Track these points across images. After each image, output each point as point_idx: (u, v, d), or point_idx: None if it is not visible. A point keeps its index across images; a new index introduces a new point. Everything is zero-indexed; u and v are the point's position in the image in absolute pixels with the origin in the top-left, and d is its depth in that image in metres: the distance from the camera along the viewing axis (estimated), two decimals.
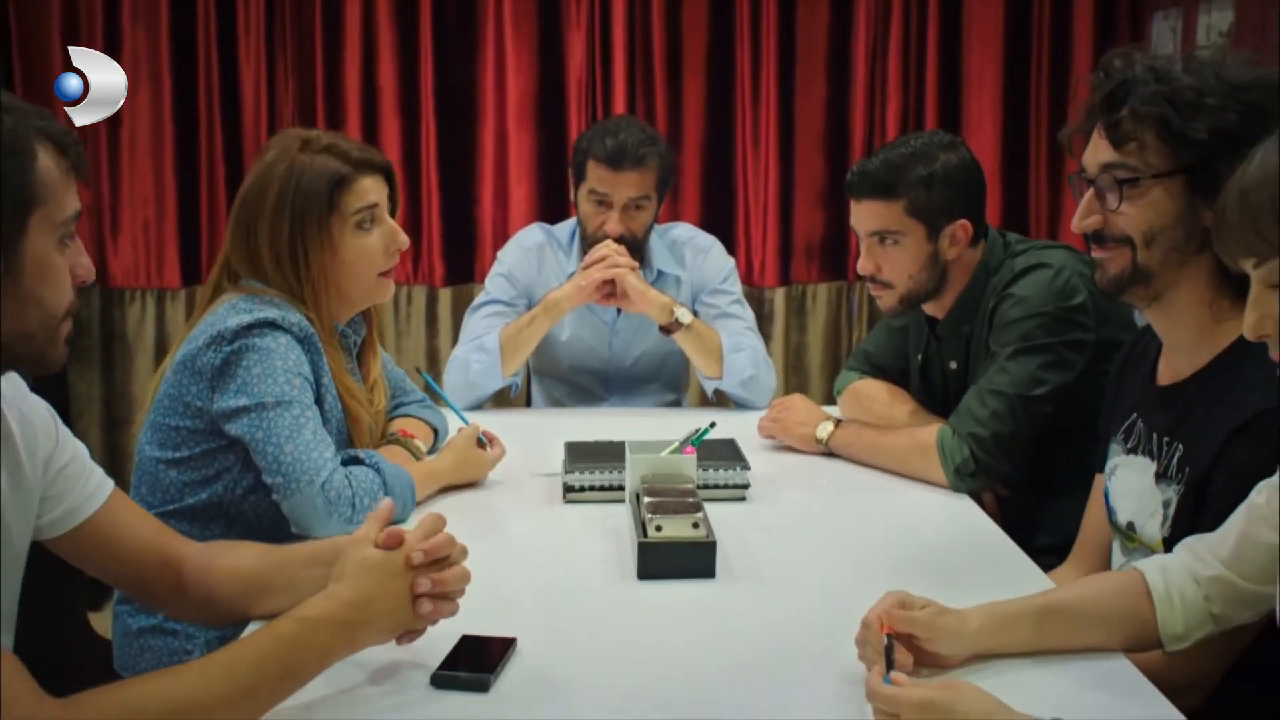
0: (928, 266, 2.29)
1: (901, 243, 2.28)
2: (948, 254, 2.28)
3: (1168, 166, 1.63)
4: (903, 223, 2.27)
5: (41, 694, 1.18)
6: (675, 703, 1.38)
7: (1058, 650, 1.46)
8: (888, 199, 2.27)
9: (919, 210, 2.25)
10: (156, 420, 1.98)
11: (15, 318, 1.30)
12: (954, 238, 2.27)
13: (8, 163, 1.27)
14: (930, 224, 2.26)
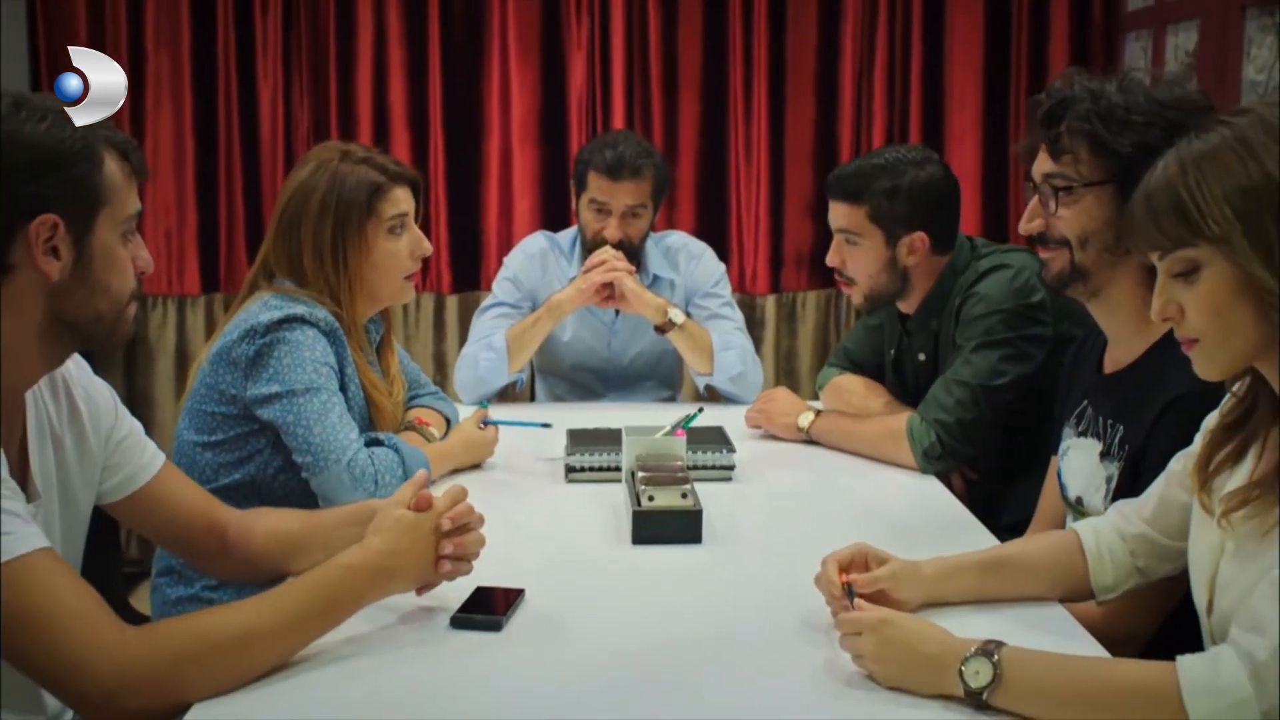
0: (886, 269, 2.48)
1: (862, 244, 2.48)
2: (905, 260, 2.47)
3: (1098, 176, 1.83)
4: (864, 227, 2.47)
5: (121, 623, 1.37)
6: (663, 646, 1.56)
7: (1001, 598, 1.64)
8: (854, 203, 2.47)
9: (879, 218, 2.45)
10: (194, 407, 2.17)
11: (86, 303, 1.50)
12: (911, 247, 2.46)
13: (79, 167, 1.47)
14: (889, 232, 2.46)
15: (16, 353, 1.48)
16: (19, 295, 1.45)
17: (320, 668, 1.45)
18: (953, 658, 1.36)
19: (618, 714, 1.38)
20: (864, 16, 4.14)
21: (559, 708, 1.39)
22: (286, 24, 4.13)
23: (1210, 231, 1.34)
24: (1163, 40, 3.97)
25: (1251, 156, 1.33)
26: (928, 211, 2.46)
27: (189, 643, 1.39)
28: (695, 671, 1.49)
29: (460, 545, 1.59)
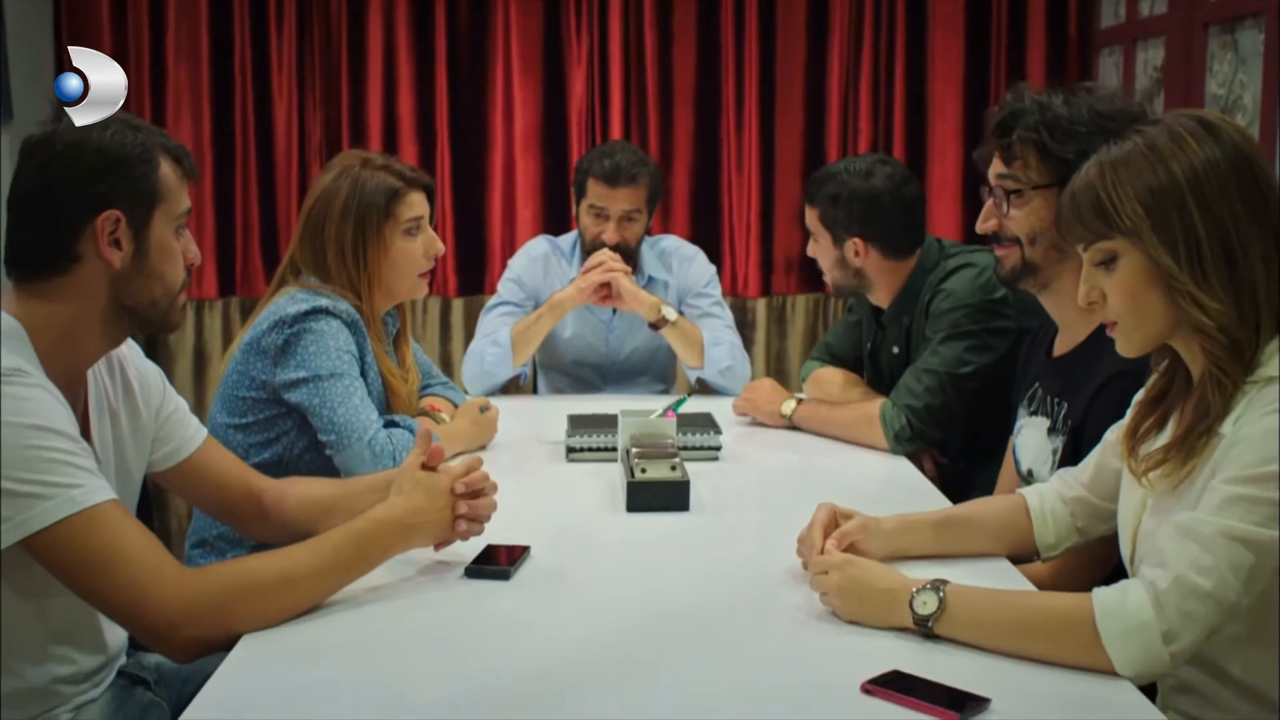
0: (839, 266, 2.71)
1: (819, 242, 2.72)
2: (854, 261, 2.68)
3: (1045, 180, 2.03)
4: (817, 228, 2.71)
5: (180, 565, 1.57)
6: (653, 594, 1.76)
7: (954, 553, 1.83)
8: (810, 205, 2.71)
9: (825, 221, 2.69)
10: (226, 392, 2.37)
11: (144, 289, 1.70)
12: (855, 250, 2.67)
13: (139, 169, 1.68)
14: (834, 234, 2.69)
15: (82, 333, 1.68)
16: (85, 282, 1.66)
17: (351, 609, 1.65)
18: (904, 593, 1.56)
19: (612, 650, 1.57)
20: (850, 33, 4.29)
21: (560, 645, 1.58)
22: (300, 40, 4.29)
23: (1124, 226, 1.54)
24: (1133, 56, 4.14)
25: (1159, 161, 1.54)
26: (864, 220, 2.66)
27: (238, 582, 1.59)
28: (681, 614, 1.69)
29: (475, 507, 1.79)
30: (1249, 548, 1.43)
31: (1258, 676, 1.54)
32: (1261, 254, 1.52)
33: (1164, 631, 1.42)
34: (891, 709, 1.36)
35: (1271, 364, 1.51)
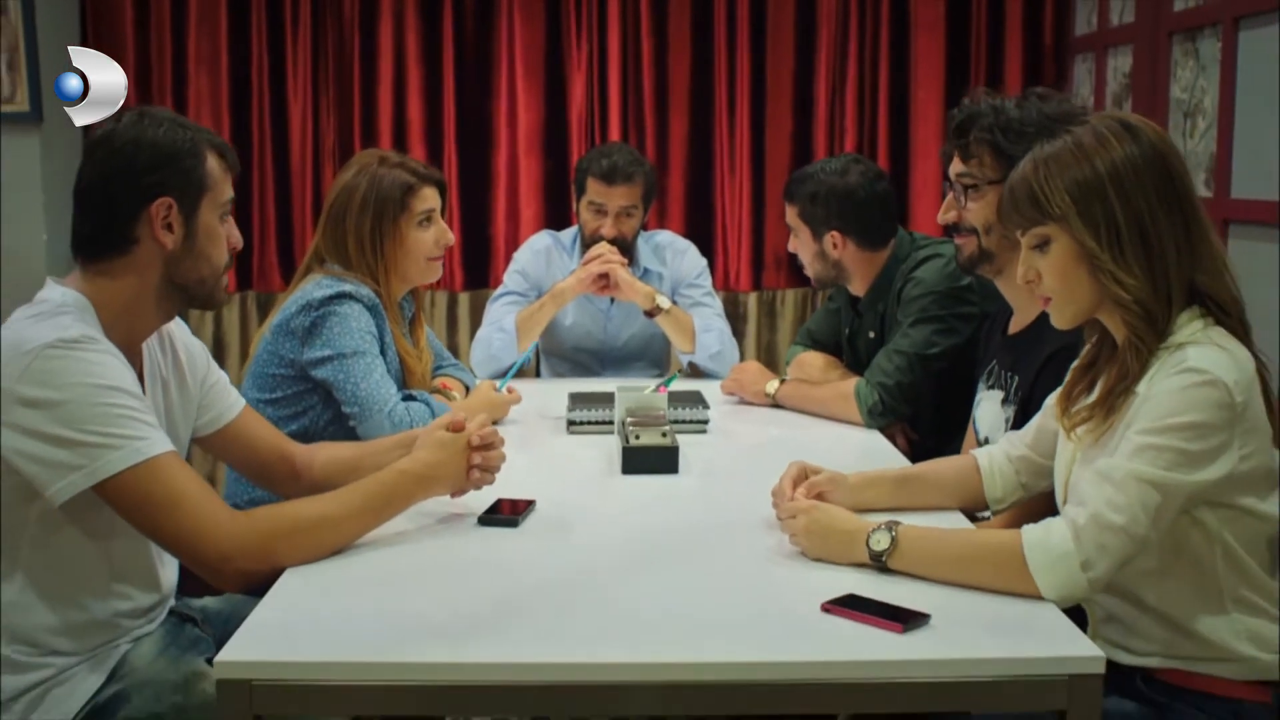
0: (819, 258, 2.93)
1: (800, 237, 2.94)
2: (832, 254, 2.91)
3: (998, 176, 2.25)
4: (796, 223, 2.94)
5: (231, 509, 1.80)
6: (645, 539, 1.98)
7: (912, 507, 2.04)
8: (790, 202, 2.94)
9: (805, 217, 2.91)
10: (257, 370, 2.60)
11: (193, 269, 1.92)
12: (833, 242, 2.89)
13: (188, 161, 1.90)
14: (813, 229, 2.91)
15: (139, 307, 1.91)
16: (142, 261, 1.88)
17: (379, 549, 1.88)
18: (862, 532, 1.79)
19: (605, 583, 1.79)
20: (836, 40, 4.47)
21: (561, 582, 1.80)
22: (315, 47, 4.48)
23: (1054, 213, 1.76)
24: (1104, 62, 4.33)
25: (1085, 157, 1.76)
26: (841, 214, 2.88)
27: (280, 523, 1.82)
28: (667, 554, 1.92)
29: (486, 459, 2.02)
30: (1156, 489, 1.65)
31: (1170, 605, 1.76)
32: (1173, 238, 1.74)
33: (1082, 561, 1.65)
34: (847, 625, 1.59)
35: (1181, 332, 1.74)
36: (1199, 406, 1.66)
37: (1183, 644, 1.77)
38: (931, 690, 1.49)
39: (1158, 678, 1.79)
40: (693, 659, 1.51)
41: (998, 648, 1.54)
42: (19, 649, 1.82)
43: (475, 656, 1.51)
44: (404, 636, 1.58)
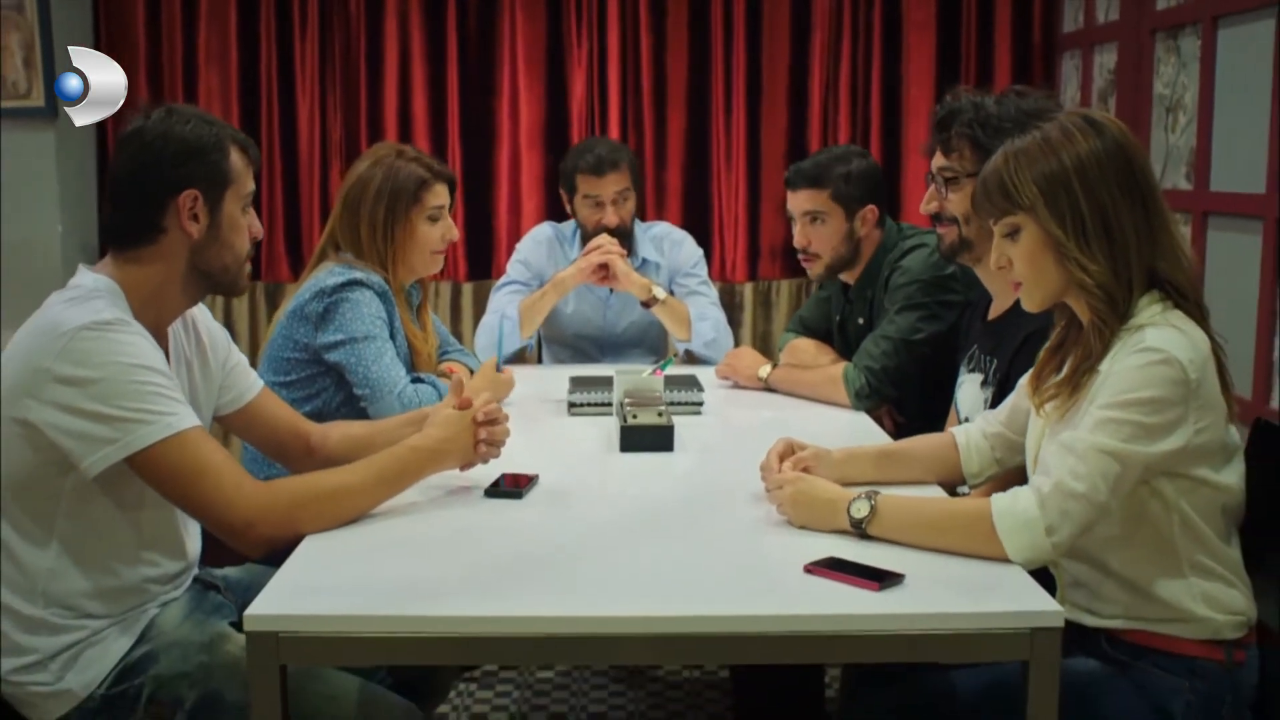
0: (846, 240, 3.03)
1: (828, 222, 3.03)
2: (860, 231, 3.02)
3: (977, 169, 2.35)
4: (828, 206, 3.02)
5: (255, 479, 1.92)
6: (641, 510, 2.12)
7: (893, 481, 2.16)
8: (818, 188, 3.02)
9: (840, 197, 3.01)
10: (272, 354, 2.72)
11: (217, 257, 2.05)
12: (864, 219, 3.01)
13: (213, 156, 2.02)
14: (848, 208, 3.01)
15: (166, 293, 2.03)
16: (169, 249, 2.00)
17: (392, 519, 2.01)
18: (843, 501, 1.91)
19: (606, 552, 1.92)
20: (830, 38, 4.57)
21: (563, 547, 1.93)
22: (322, 45, 4.57)
23: (1024, 204, 1.88)
24: (1091, 59, 4.44)
25: (1052, 151, 1.88)
26: (873, 189, 3.03)
27: (301, 492, 1.94)
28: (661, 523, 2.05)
29: (492, 433, 2.15)
30: (1115, 459, 1.78)
31: (1131, 570, 1.89)
32: (1134, 227, 1.86)
33: (1046, 526, 1.77)
34: (827, 584, 1.71)
35: (1142, 314, 1.86)
36: (1156, 383, 1.78)
37: (1143, 606, 1.89)
38: (904, 643, 1.62)
39: (1120, 638, 1.92)
40: (684, 613, 1.63)
41: (966, 604, 1.66)
42: (55, 612, 1.94)
43: (484, 611, 1.64)
44: (417, 594, 1.70)
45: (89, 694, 1.94)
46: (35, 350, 1.88)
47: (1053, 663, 1.60)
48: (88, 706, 1.94)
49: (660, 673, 3.58)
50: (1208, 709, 1.85)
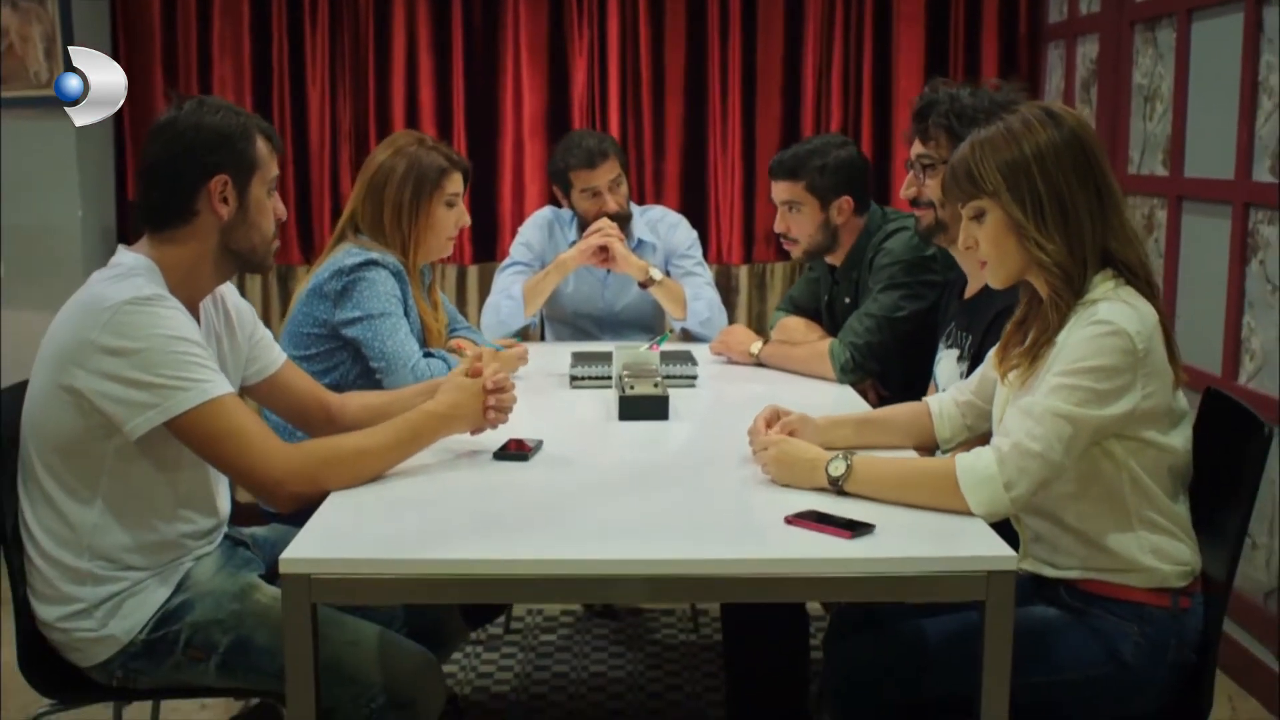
0: (822, 228, 3.20)
1: (803, 211, 3.20)
2: (836, 220, 3.19)
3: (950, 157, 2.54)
4: (803, 196, 3.19)
5: (284, 442, 2.10)
6: (635, 472, 2.30)
7: (870, 446, 2.33)
8: (794, 179, 3.19)
9: (814, 188, 3.17)
10: (292, 330, 2.88)
11: (245, 237, 2.21)
12: (840, 209, 3.18)
13: (241, 143, 2.18)
14: (822, 199, 3.18)
15: (199, 271, 2.20)
16: (201, 230, 2.17)
17: (408, 478, 2.18)
18: (822, 460, 2.09)
19: (605, 505, 2.10)
20: (822, 30, 4.71)
21: (566, 501, 2.11)
22: (332, 37, 4.71)
23: (988, 189, 2.05)
24: (1074, 50, 4.58)
25: (1014, 140, 2.05)
26: (848, 181, 3.17)
27: (326, 453, 2.12)
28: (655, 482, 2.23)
29: (500, 400, 2.32)
30: (1069, 421, 1.95)
31: (1086, 525, 2.06)
32: (1088, 210, 2.03)
33: (1005, 481, 1.94)
34: (805, 533, 1.89)
35: (1096, 290, 2.03)
36: (1106, 352, 1.95)
37: (1097, 558, 2.07)
38: (872, 584, 1.80)
39: (1076, 587, 2.09)
40: (676, 557, 1.81)
41: (929, 550, 1.84)
42: (99, 564, 2.12)
43: (495, 555, 1.82)
44: (434, 541, 1.89)
45: (131, 639, 2.12)
46: (81, 323, 2.05)
47: (1007, 604, 1.78)
48: (130, 650, 2.12)
49: (658, 636, 3.76)
50: (1154, 650, 2.03)
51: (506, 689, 3.40)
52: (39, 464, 2.11)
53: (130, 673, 2.14)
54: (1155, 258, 4.00)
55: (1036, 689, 2.01)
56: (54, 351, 2.08)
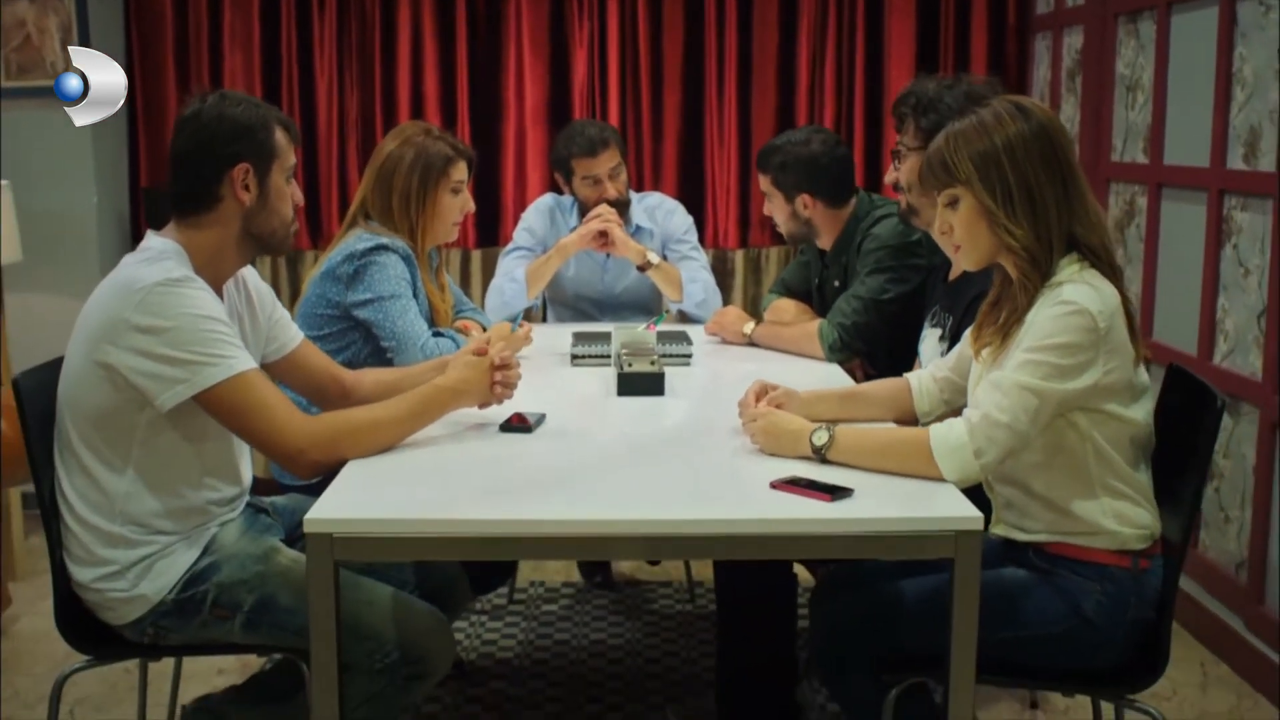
0: (792, 219, 3.36)
1: (774, 201, 3.37)
2: (803, 213, 3.33)
3: (918, 145, 2.69)
4: (770, 189, 3.36)
5: (303, 413, 2.25)
6: (631, 443, 2.45)
7: (853, 419, 2.48)
8: (762, 172, 3.36)
9: (777, 184, 3.33)
10: (306, 311, 3.03)
11: (266, 222, 2.35)
12: (804, 203, 3.32)
13: (261, 134, 2.32)
14: (785, 194, 3.33)
15: (223, 254, 2.34)
16: (225, 215, 2.31)
17: (420, 449, 2.33)
18: (806, 431, 2.23)
19: (605, 472, 2.25)
20: (816, 21, 4.86)
21: (568, 468, 2.26)
22: (340, 27, 4.86)
23: (961, 177, 2.19)
24: (1060, 40, 4.71)
25: (985, 132, 2.19)
26: (810, 178, 3.30)
27: (343, 424, 2.27)
28: (651, 452, 2.38)
29: (506, 377, 2.47)
30: (1035, 394, 2.10)
31: (1053, 492, 2.21)
32: (1054, 198, 2.17)
33: (974, 450, 2.10)
34: (789, 497, 2.04)
35: (1062, 273, 2.17)
36: (1070, 330, 2.10)
37: (1063, 523, 2.22)
38: (850, 542, 1.96)
39: (1044, 550, 2.24)
40: (671, 518, 1.96)
41: (903, 512, 2.00)
42: (131, 529, 2.27)
43: (502, 516, 1.97)
44: (445, 503, 2.04)
45: (160, 599, 2.27)
46: (116, 303, 2.20)
47: (974, 562, 1.93)
48: (160, 609, 2.27)
49: (655, 606, 3.92)
50: (1115, 607, 2.18)
51: (510, 655, 3.56)
52: (75, 435, 2.26)
53: (160, 630, 2.29)
54: (1136, 242, 4.15)
55: (1006, 644, 2.16)
56: (89, 330, 2.22)
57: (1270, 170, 3.32)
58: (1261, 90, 3.38)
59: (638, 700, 3.27)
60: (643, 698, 3.29)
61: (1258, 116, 3.40)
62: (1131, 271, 4.16)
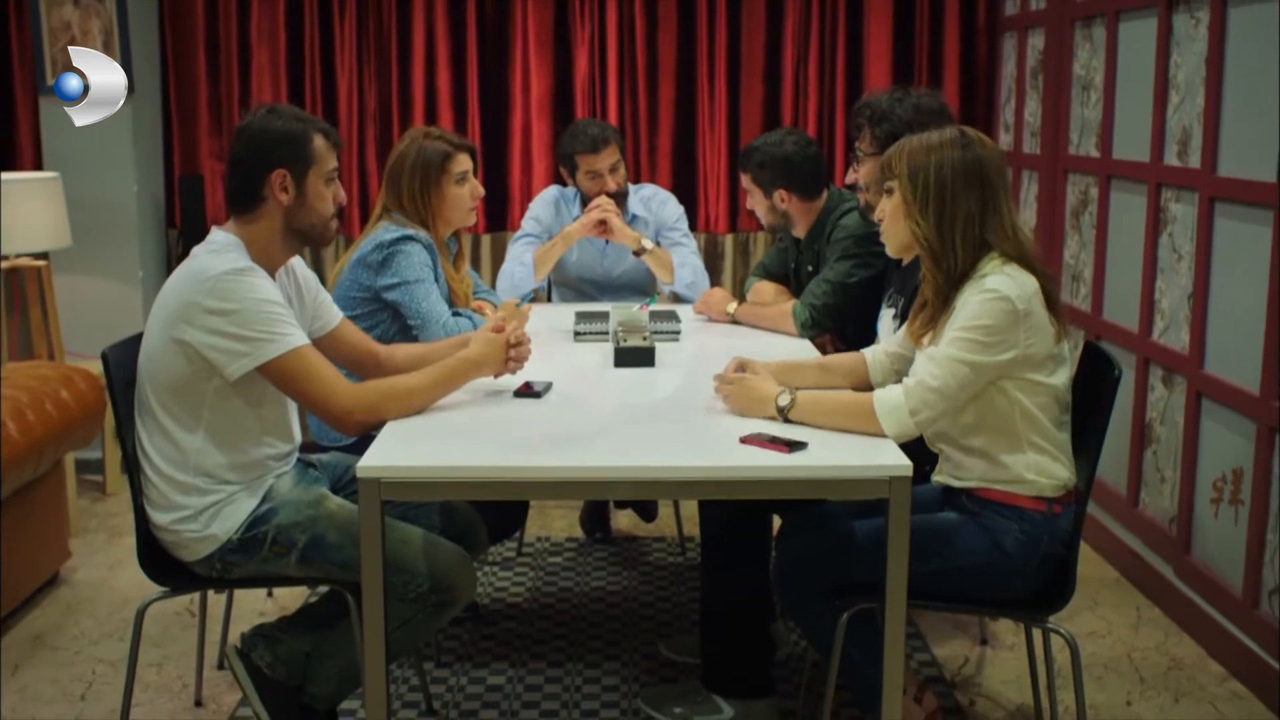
0: (770, 211, 3.74)
1: (754, 195, 3.75)
2: (781, 206, 3.72)
3: (873, 150, 3.09)
4: (750, 185, 3.75)
5: (349, 382, 2.66)
6: (625, 407, 2.86)
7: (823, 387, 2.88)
8: (743, 171, 3.75)
9: (756, 180, 3.71)
10: (339, 294, 3.41)
11: (304, 219, 2.71)
12: (781, 198, 3.71)
13: (299, 143, 2.66)
14: (763, 189, 3.72)
15: (272, 246, 2.71)
16: (268, 213, 2.69)
17: (446, 412, 2.74)
18: (772, 395, 2.64)
19: (605, 429, 2.66)
20: (800, 22, 5.23)
21: (573, 427, 2.66)
22: (360, 27, 5.23)
23: (896, 173, 2.59)
24: (1025, 41, 5.08)
25: (928, 148, 2.56)
26: (785, 175, 3.68)
27: (384, 390, 2.68)
28: (641, 413, 2.80)
29: (519, 352, 2.87)
30: (963, 364, 2.50)
31: (986, 447, 2.60)
32: (965, 211, 2.52)
33: (910, 409, 2.51)
34: (754, 449, 2.45)
35: (986, 267, 2.55)
36: (992, 314, 2.50)
37: (993, 472, 2.62)
38: (801, 484, 2.38)
39: (975, 495, 2.65)
40: (658, 464, 2.38)
41: (847, 461, 2.40)
42: (202, 480, 2.67)
43: (518, 463, 2.39)
44: (470, 454, 2.45)
45: (228, 538, 2.67)
46: (189, 289, 2.59)
47: (904, 502, 2.33)
48: (227, 547, 2.68)
49: (649, 559, 4.33)
50: (1030, 543, 2.59)
51: (520, 600, 3.98)
52: (154, 401, 2.66)
53: (227, 565, 2.70)
54: (1089, 229, 4.54)
55: (937, 574, 2.58)
56: (167, 311, 2.62)
57: (1197, 166, 3.71)
58: (1191, 95, 3.77)
59: (633, 638, 3.69)
60: (637, 635, 3.71)
61: (1188, 118, 3.79)
62: (1085, 256, 4.56)
